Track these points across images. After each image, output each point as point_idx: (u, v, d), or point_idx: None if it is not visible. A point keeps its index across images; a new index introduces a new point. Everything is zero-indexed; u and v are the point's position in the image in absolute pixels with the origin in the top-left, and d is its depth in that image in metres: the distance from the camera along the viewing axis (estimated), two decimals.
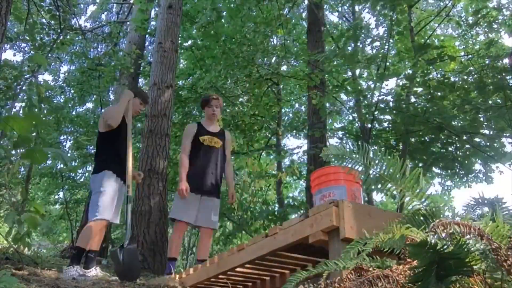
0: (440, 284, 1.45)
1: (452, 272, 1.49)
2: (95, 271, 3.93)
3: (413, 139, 8.28)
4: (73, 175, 12.04)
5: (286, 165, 12.14)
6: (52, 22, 7.90)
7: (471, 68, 7.79)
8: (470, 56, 9.27)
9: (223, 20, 10.04)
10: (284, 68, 11.62)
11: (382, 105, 7.94)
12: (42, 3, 7.91)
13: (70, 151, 12.89)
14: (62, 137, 12.68)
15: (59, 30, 7.80)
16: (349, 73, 10.72)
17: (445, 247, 1.48)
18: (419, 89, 8.16)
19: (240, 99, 12.13)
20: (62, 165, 12.03)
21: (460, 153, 8.43)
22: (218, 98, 4.67)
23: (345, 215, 2.41)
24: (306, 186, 9.90)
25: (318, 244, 2.59)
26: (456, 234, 1.57)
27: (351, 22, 11.29)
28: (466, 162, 8.57)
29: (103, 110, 4.42)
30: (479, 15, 8.22)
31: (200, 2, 10.00)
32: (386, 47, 8.19)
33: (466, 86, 7.53)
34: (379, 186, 2.35)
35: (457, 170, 8.93)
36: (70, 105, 13.13)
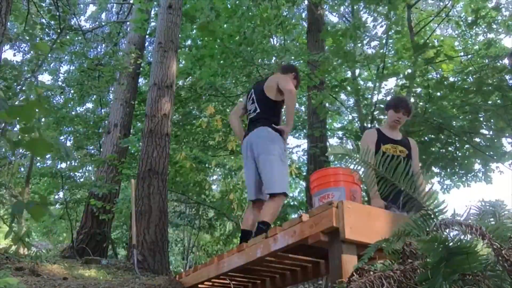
0: (445, 284, 1.46)
1: (459, 269, 1.50)
2: None
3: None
4: (73, 175, 12.03)
5: None
6: (52, 22, 7.90)
7: (471, 68, 7.79)
8: (469, 56, 9.27)
9: (221, 20, 10.04)
10: None
11: (381, 105, 7.94)
12: (42, 3, 7.91)
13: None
14: (62, 137, 12.67)
15: (59, 30, 7.79)
16: (349, 73, 10.73)
17: (455, 241, 1.48)
18: (419, 89, 8.17)
19: (240, 99, 12.13)
20: (62, 165, 12.04)
21: (460, 153, 8.43)
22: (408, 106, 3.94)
23: (345, 216, 2.41)
24: (306, 186, 9.90)
25: (318, 245, 2.59)
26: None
27: (351, 22, 11.30)
28: (466, 162, 8.57)
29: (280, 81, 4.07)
30: (478, 15, 8.23)
31: (199, 1, 10.00)
32: (385, 47, 8.20)
33: (465, 86, 7.53)
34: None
35: (457, 170, 8.93)
36: (70, 105, 13.12)
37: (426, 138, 8.22)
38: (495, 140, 7.92)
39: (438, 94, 7.76)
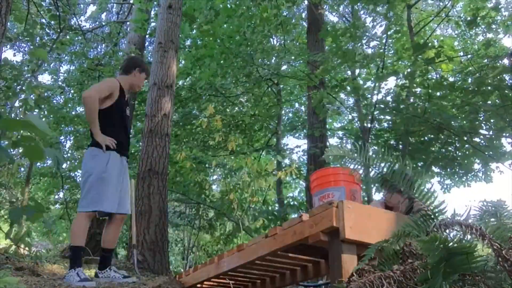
0: (445, 284, 1.46)
1: (459, 269, 1.50)
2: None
3: (413, 139, 8.28)
4: (73, 175, 12.05)
5: (287, 165, 12.16)
6: (52, 22, 7.90)
7: (471, 68, 7.80)
8: (469, 56, 9.28)
9: (221, 20, 10.04)
10: (284, 68, 11.63)
11: (381, 105, 7.95)
12: (42, 3, 7.91)
13: (70, 151, 12.89)
14: (62, 137, 12.68)
15: (59, 30, 7.80)
16: (348, 73, 10.73)
17: (455, 241, 1.49)
18: (419, 90, 8.17)
19: (240, 99, 12.14)
20: (62, 165, 12.02)
21: (460, 153, 8.44)
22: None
23: (345, 216, 2.41)
24: (306, 186, 9.90)
25: (318, 245, 2.59)
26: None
27: (350, 22, 11.30)
28: (466, 162, 8.58)
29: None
30: (478, 15, 8.24)
31: (197, 1, 10.00)
32: (385, 46, 8.20)
33: (465, 86, 7.54)
34: (380, 186, 2.35)
35: (457, 170, 8.94)
36: (70, 105, 13.12)
37: (426, 138, 8.23)
38: (495, 141, 7.92)
39: (438, 94, 7.76)
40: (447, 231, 1.66)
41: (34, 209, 2.06)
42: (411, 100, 8.13)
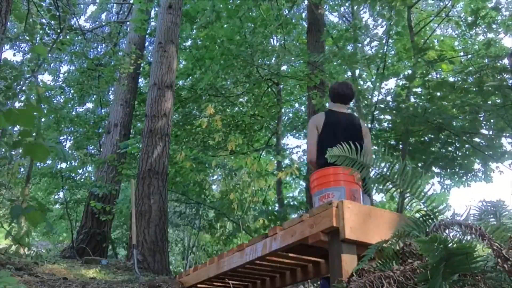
0: (445, 284, 1.46)
1: (459, 269, 1.50)
2: None
3: (413, 139, 8.27)
4: (73, 175, 12.04)
5: (287, 165, 12.14)
6: (52, 22, 7.89)
7: (471, 68, 7.79)
8: (469, 56, 9.27)
9: (222, 21, 10.04)
10: (284, 68, 11.63)
11: (381, 105, 7.94)
12: (42, 3, 7.90)
13: (70, 151, 12.89)
14: (62, 137, 12.68)
15: (59, 30, 7.79)
16: (349, 73, 10.72)
17: (454, 241, 1.49)
18: (419, 89, 8.17)
19: (240, 99, 12.14)
20: (62, 165, 12.04)
21: (460, 153, 8.43)
22: None
23: (345, 216, 2.41)
24: (306, 186, 9.89)
25: (318, 245, 2.59)
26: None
27: (351, 22, 11.29)
28: (466, 162, 8.57)
29: None
30: (478, 15, 8.24)
31: (199, 2, 10.00)
32: (385, 47, 8.19)
33: (465, 86, 7.53)
34: (380, 186, 2.35)
35: (457, 170, 8.93)
36: (70, 105, 13.13)
37: (426, 138, 8.22)
38: (495, 141, 7.92)
39: (438, 94, 7.75)
40: (447, 231, 1.66)
41: (36, 208, 2.05)
42: (412, 100, 8.13)
